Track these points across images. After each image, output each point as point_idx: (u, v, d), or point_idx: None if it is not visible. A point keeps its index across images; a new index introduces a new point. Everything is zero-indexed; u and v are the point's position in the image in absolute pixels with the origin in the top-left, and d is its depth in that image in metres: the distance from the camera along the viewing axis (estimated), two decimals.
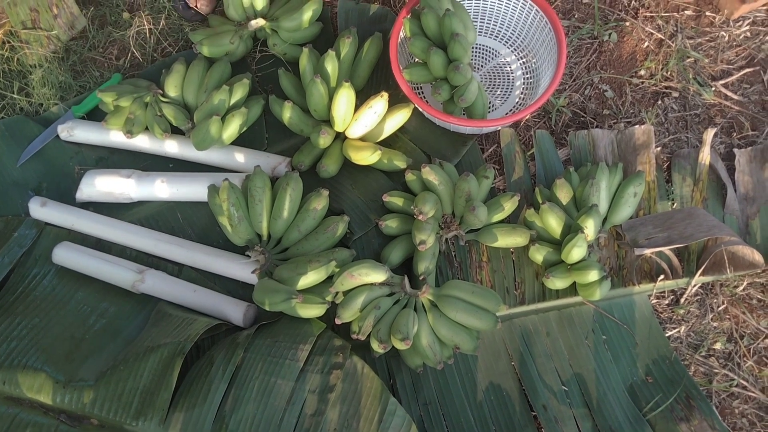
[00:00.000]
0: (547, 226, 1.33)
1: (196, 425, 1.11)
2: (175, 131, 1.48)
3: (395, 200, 1.35)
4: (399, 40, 1.40)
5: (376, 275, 1.24)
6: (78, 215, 1.42)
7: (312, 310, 1.22)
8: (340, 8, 1.59)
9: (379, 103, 1.35)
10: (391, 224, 1.34)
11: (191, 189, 1.42)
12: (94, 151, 1.53)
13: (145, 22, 1.65)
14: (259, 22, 1.51)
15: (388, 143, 1.45)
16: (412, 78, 1.40)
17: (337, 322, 1.22)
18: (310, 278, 1.23)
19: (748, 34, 1.54)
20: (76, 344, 1.26)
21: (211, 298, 1.32)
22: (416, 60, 1.48)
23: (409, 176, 1.36)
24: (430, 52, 1.34)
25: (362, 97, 1.40)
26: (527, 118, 1.50)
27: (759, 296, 1.34)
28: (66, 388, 1.17)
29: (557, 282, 1.31)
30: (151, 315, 1.31)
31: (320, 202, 1.32)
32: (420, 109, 1.40)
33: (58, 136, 1.53)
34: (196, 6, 1.61)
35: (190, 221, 1.45)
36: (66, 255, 1.37)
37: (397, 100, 1.43)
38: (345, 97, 1.34)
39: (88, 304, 1.34)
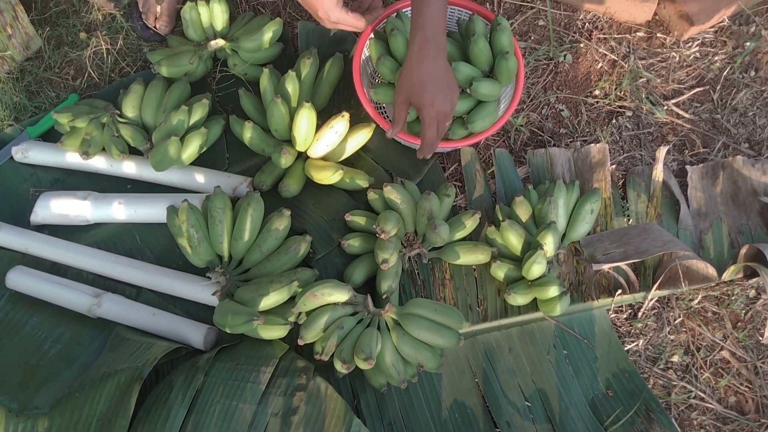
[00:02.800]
0: (508, 243, 1.34)
1: None
2: (133, 152, 1.46)
3: (358, 219, 1.36)
4: (361, 61, 1.41)
5: (339, 295, 1.23)
6: (32, 239, 1.39)
7: (274, 332, 1.21)
8: (301, 29, 1.60)
9: (340, 123, 1.36)
10: (353, 243, 1.34)
11: (150, 210, 1.40)
12: (49, 172, 1.50)
13: (103, 43, 1.63)
14: (218, 43, 1.51)
15: (350, 162, 1.45)
16: (378, 98, 1.41)
17: (300, 342, 1.21)
18: (271, 299, 1.22)
19: (698, 54, 1.59)
20: (30, 371, 1.22)
21: (170, 321, 1.29)
22: (380, 80, 1.49)
23: (371, 195, 1.37)
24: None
25: (324, 117, 1.41)
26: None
27: (714, 309, 1.38)
28: (19, 417, 1.13)
29: (518, 298, 1.32)
30: (109, 340, 1.27)
31: (282, 222, 1.32)
32: (383, 129, 1.41)
33: (12, 157, 1.49)
34: (155, 26, 1.60)
35: (149, 243, 1.42)
36: (20, 279, 1.33)
37: (358, 120, 1.44)
38: (306, 117, 1.34)
39: (43, 329, 1.30)
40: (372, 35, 1.41)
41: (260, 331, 1.19)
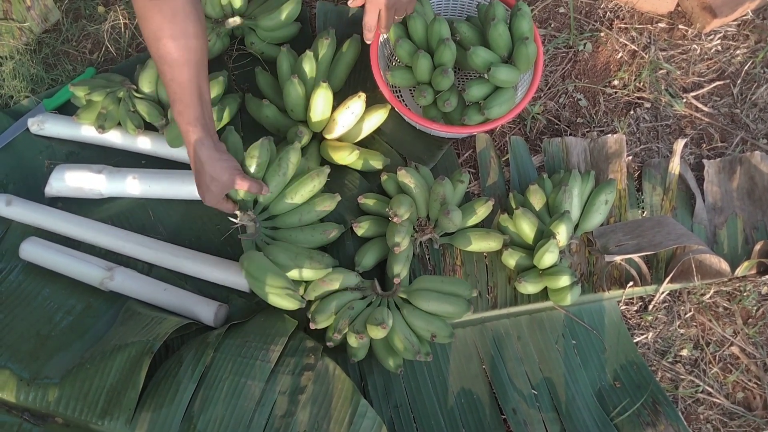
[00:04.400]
0: (520, 232, 1.34)
1: (164, 425, 1.09)
2: (148, 127, 1.46)
3: (370, 202, 1.35)
4: (379, 43, 1.40)
5: (347, 280, 1.26)
6: (45, 214, 1.39)
7: (289, 303, 1.18)
8: (319, 9, 1.59)
9: (356, 104, 1.35)
10: (365, 226, 1.34)
11: (163, 186, 1.40)
12: (64, 145, 1.51)
13: (121, 17, 1.62)
14: (236, 20, 1.50)
15: (364, 144, 1.45)
16: (395, 81, 1.40)
17: (312, 326, 1.22)
18: (305, 274, 1.22)
19: (719, 47, 1.57)
20: (41, 341, 1.24)
21: (181, 297, 1.30)
22: (396, 63, 1.48)
23: (384, 177, 1.36)
24: (418, 55, 1.34)
25: (339, 98, 1.40)
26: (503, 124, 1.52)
27: (725, 304, 1.37)
28: (30, 386, 1.15)
29: (529, 287, 1.32)
30: (120, 313, 1.28)
31: (329, 205, 1.31)
32: (398, 112, 1.40)
33: (27, 129, 1.50)
34: None
35: (162, 219, 1.43)
36: (33, 251, 1.34)
37: (374, 101, 1.43)
38: (322, 97, 1.34)
39: (55, 301, 1.31)
40: None
41: (279, 299, 1.18)
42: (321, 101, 1.34)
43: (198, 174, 1.17)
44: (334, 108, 1.39)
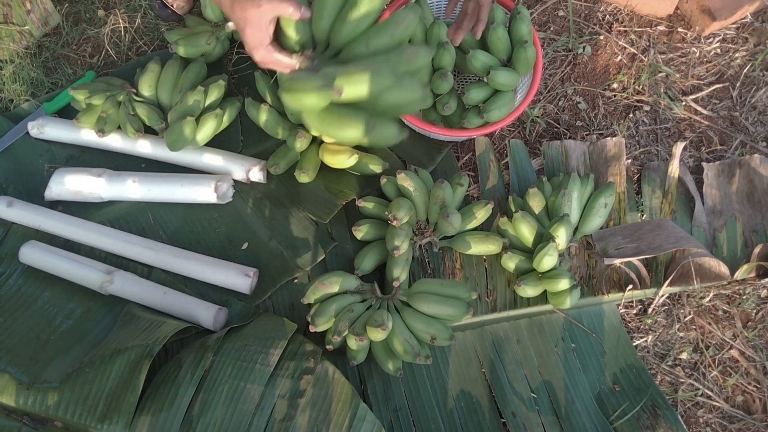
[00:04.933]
0: (520, 235, 1.34)
1: (163, 429, 1.09)
2: (148, 131, 1.46)
3: (370, 205, 1.36)
4: None
5: (347, 283, 1.26)
6: (45, 215, 1.39)
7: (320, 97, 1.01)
8: None
9: None
10: (364, 229, 1.34)
11: (163, 189, 1.40)
12: (64, 149, 1.51)
13: (121, 21, 1.63)
14: None
15: (363, 148, 1.45)
16: None
17: (311, 329, 1.23)
18: None
19: (719, 50, 1.58)
20: (41, 345, 1.24)
21: (181, 300, 1.30)
22: None
23: (384, 181, 1.37)
24: None
25: None
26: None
27: (724, 308, 1.37)
28: (30, 390, 1.15)
29: (528, 290, 1.32)
30: (120, 317, 1.28)
31: (401, 24, 1.07)
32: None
33: (27, 132, 1.50)
34: (173, 6, 1.59)
35: (162, 222, 1.43)
36: (33, 254, 1.34)
37: None
38: None
39: (55, 304, 1.31)
40: None
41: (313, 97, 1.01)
42: None
43: (239, 19, 1.05)
44: None
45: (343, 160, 1.37)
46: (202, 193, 1.39)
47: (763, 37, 1.57)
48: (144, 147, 1.46)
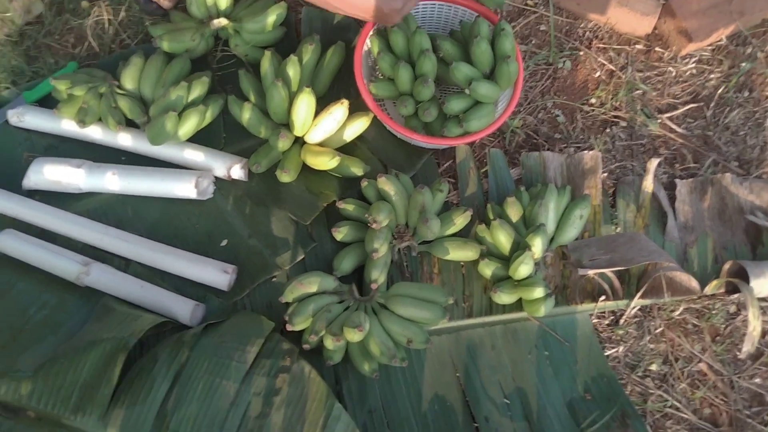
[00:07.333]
0: (497, 242, 1.36)
1: (137, 422, 1.08)
2: (129, 124, 1.45)
3: (350, 207, 1.36)
4: (363, 52, 1.42)
5: (325, 284, 1.27)
6: (23, 204, 1.37)
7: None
8: (305, 15, 1.60)
9: (339, 110, 1.36)
10: (344, 231, 1.35)
11: (143, 183, 1.39)
12: (44, 138, 1.49)
13: (105, 13, 1.62)
14: (221, 22, 1.50)
15: (346, 150, 1.45)
16: (378, 93, 1.42)
17: (288, 328, 1.23)
18: None
19: (694, 71, 1.62)
20: (14, 335, 1.21)
21: (158, 294, 1.29)
22: (380, 75, 1.50)
23: (365, 184, 1.37)
24: (398, 66, 1.36)
25: (322, 104, 1.41)
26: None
27: (694, 321, 1.40)
28: (2, 379, 1.13)
29: (504, 297, 1.33)
30: (96, 309, 1.27)
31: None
32: (380, 121, 1.41)
33: (7, 121, 1.48)
34: (158, 0, 1.59)
35: (141, 216, 1.42)
36: (9, 243, 1.32)
37: (357, 109, 1.44)
38: (305, 102, 1.34)
39: (30, 294, 1.29)
40: (373, 30, 1.42)
41: None
42: (304, 106, 1.35)
43: None
44: (317, 113, 1.40)
45: (325, 162, 1.37)
46: (183, 188, 1.39)
47: (737, 60, 1.62)
48: (125, 140, 1.44)
